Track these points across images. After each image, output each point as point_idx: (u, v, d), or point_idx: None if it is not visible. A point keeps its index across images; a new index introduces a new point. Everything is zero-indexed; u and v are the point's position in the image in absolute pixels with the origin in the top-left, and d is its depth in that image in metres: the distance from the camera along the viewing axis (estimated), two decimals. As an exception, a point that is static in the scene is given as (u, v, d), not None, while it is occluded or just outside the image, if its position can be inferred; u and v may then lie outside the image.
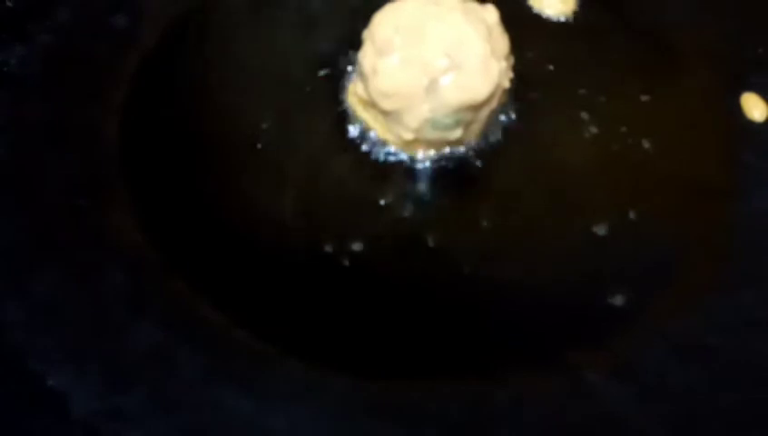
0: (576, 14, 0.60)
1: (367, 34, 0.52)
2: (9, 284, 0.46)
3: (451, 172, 0.53)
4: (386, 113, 0.51)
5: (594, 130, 0.55)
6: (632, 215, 0.51)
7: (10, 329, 0.44)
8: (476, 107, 0.50)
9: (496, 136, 0.54)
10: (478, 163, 0.53)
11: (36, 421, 0.42)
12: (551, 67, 0.57)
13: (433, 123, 0.50)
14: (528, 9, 0.60)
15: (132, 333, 0.45)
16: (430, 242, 0.50)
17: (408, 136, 0.51)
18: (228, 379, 0.44)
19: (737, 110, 0.56)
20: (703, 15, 0.60)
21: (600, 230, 0.51)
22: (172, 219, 0.50)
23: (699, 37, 0.59)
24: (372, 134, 0.53)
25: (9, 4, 0.56)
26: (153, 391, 0.43)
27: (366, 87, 0.51)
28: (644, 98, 0.56)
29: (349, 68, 0.56)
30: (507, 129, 0.54)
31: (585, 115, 0.55)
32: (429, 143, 0.52)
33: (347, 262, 0.49)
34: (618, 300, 0.48)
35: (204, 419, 0.42)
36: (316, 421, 0.43)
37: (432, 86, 0.49)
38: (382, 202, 0.52)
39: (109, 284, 0.46)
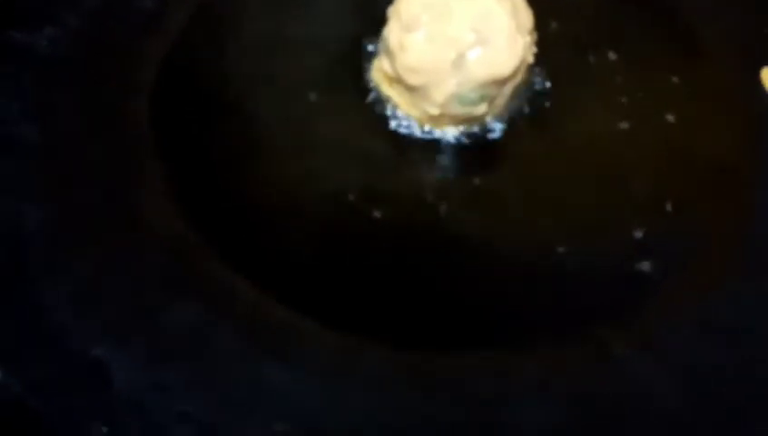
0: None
1: (392, 11, 0.52)
2: (52, 265, 0.47)
3: (476, 146, 0.53)
4: (412, 89, 0.52)
5: (616, 106, 0.55)
6: (656, 192, 0.52)
7: (54, 307, 0.45)
8: (501, 82, 0.51)
9: (519, 111, 0.54)
10: (503, 138, 0.53)
11: (82, 394, 0.43)
12: (572, 43, 0.58)
13: (459, 99, 0.51)
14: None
15: (173, 310, 0.45)
16: (459, 217, 0.51)
17: (434, 112, 0.52)
18: (266, 352, 0.45)
19: (757, 87, 0.56)
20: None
21: (625, 203, 0.52)
22: (207, 198, 0.50)
23: (718, 14, 0.60)
24: (397, 110, 0.54)
25: (38, -13, 0.57)
26: (195, 364, 0.44)
27: (392, 63, 0.52)
28: (666, 76, 0.57)
29: (372, 47, 0.56)
30: (530, 104, 0.55)
31: (607, 92, 0.56)
32: (454, 119, 0.53)
33: (381, 238, 0.50)
34: (645, 266, 0.48)
35: (243, 391, 0.43)
36: (351, 393, 0.44)
37: (459, 61, 0.50)
38: (413, 177, 0.53)
39: (148, 263, 0.47)
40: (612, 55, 0.57)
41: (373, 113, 0.54)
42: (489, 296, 0.48)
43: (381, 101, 0.54)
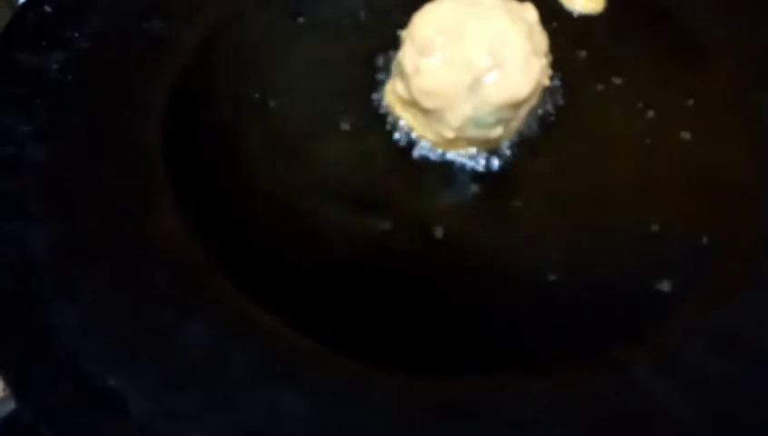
0: (605, 11, 0.61)
1: (406, 34, 0.52)
2: (60, 288, 0.46)
3: (490, 168, 0.53)
4: (427, 112, 0.51)
5: (629, 125, 0.55)
6: (667, 209, 0.52)
7: (64, 332, 0.44)
8: (517, 105, 0.51)
9: (534, 133, 0.54)
10: (518, 160, 0.53)
11: (95, 422, 0.42)
12: (585, 64, 0.58)
13: (475, 122, 0.51)
14: (560, 7, 0.61)
15: (184, 334, 0.45)
16: (474, 239, 0.50)
17: (450, 135, 0.51)
18: (280, 377, 0.44)
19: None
20: (730, 14, 0.61)
21: (636, 223, 0.51)
22: (219, 221, 0.50)
23: (727, 35, 0.60)
24: (411, 133, 0.54)
25: (48, 9, 0.56)
26: (208, 390, 0.43)
27: (407, 86, 0.51)
28: (679, 97, 0.57)
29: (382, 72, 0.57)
30: (544, 126, 0.55)
31: (620, 111, 0.56)
32: (470, 142, 0.52)
33: (395, 261, 0.49)
34: (665, 286, 0.48)
35: (259, 417, 0.43)
36: (367, 418, 0.43)
37: (475, 85, 0.49)
38: (426, 198, 0.52)
39: (159, 286, 0.47)
40: (616, 80, 0.58)
41: (386, 134, 0.54)
42: (505, 318, 0.48)
43: (394, 122, 0.54)
